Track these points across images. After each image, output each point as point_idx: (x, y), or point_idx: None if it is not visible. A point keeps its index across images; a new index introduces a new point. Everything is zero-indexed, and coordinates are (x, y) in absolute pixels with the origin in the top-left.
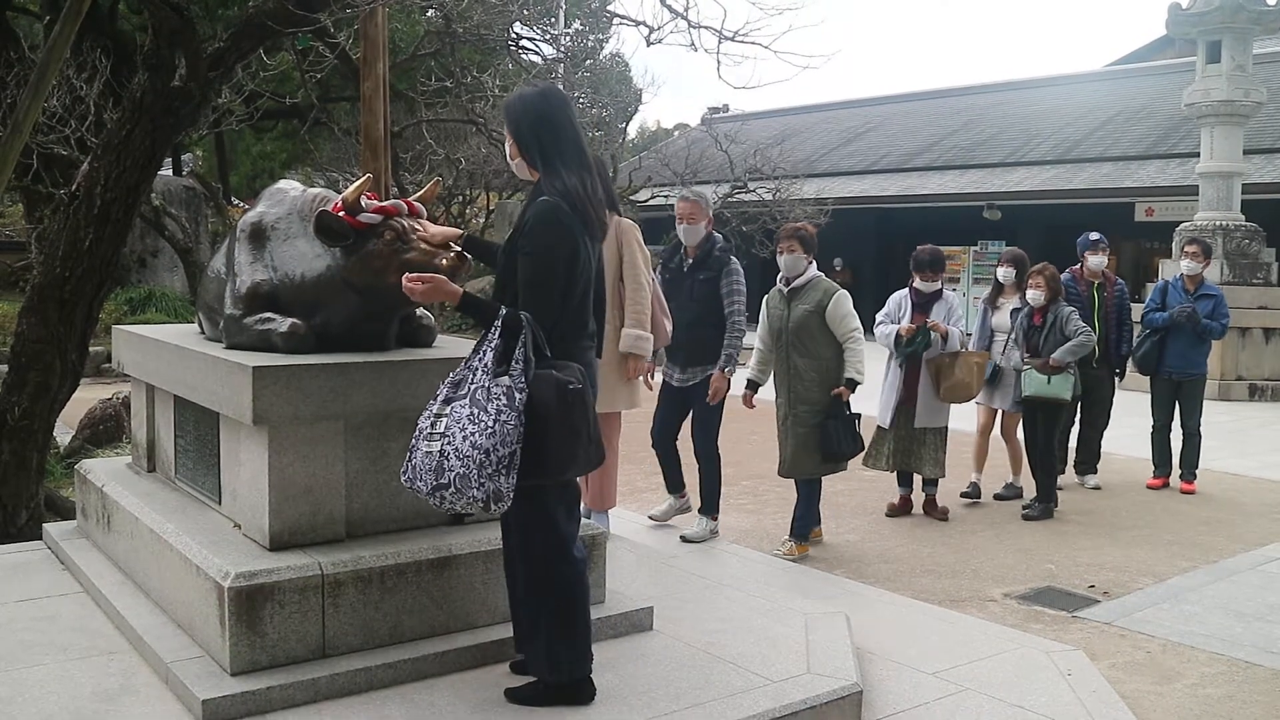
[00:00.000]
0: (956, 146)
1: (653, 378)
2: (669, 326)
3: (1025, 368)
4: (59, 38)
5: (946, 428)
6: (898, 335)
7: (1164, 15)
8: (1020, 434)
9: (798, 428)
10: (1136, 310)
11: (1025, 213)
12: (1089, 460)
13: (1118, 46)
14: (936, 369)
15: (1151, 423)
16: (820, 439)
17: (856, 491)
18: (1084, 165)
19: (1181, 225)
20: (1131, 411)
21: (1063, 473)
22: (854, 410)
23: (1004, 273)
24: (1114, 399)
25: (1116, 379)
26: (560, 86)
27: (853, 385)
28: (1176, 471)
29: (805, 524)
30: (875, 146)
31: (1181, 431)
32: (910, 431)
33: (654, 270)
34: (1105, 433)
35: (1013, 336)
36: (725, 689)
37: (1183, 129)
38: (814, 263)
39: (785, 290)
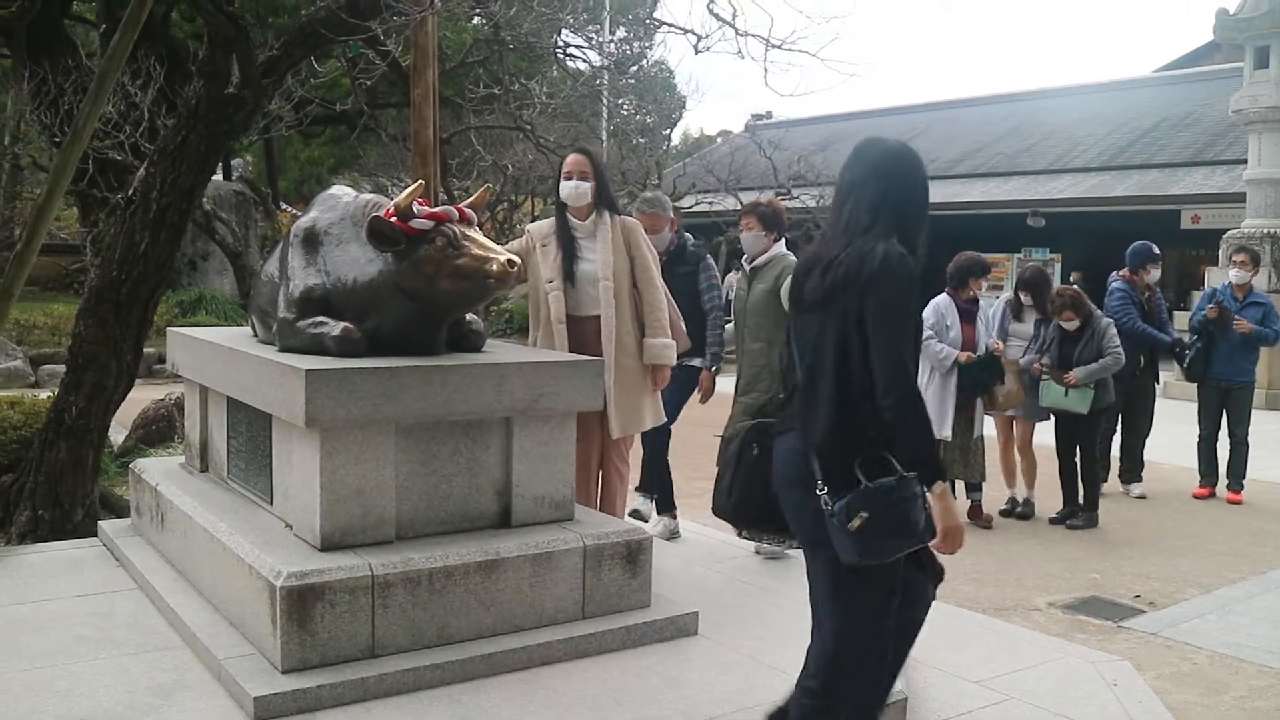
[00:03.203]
0: (1000, 153)
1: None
2: (683, 328)
3: (1045, 379)
4: (118, 47)
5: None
6: (960, 365)
7: (1211, 21)
8: (1046, 445)
9: (742, 417)
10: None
11: (1069, 220)
12: (1133, 469)
13: (1164, 52)
14: None
15: (1197, 431)
16: None
17: None
18: (1129, 172)
19: (1229, 232)
20: (1177, 420)
21: (1105, 480)
22: None
23: (1026, 299)
24: (1155, 403)
25: (1156, 385)
26: (605, 93)
27: None
28: (1223, 481)
29: None
30: (919, 153)
31: (1229, 440)
32: (966, 440)
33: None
34: (1149, 440)
35: (1041, 344)
36: (769, 694)
37: (1230, 135)
38: (780, 241)
39: (747, 269)
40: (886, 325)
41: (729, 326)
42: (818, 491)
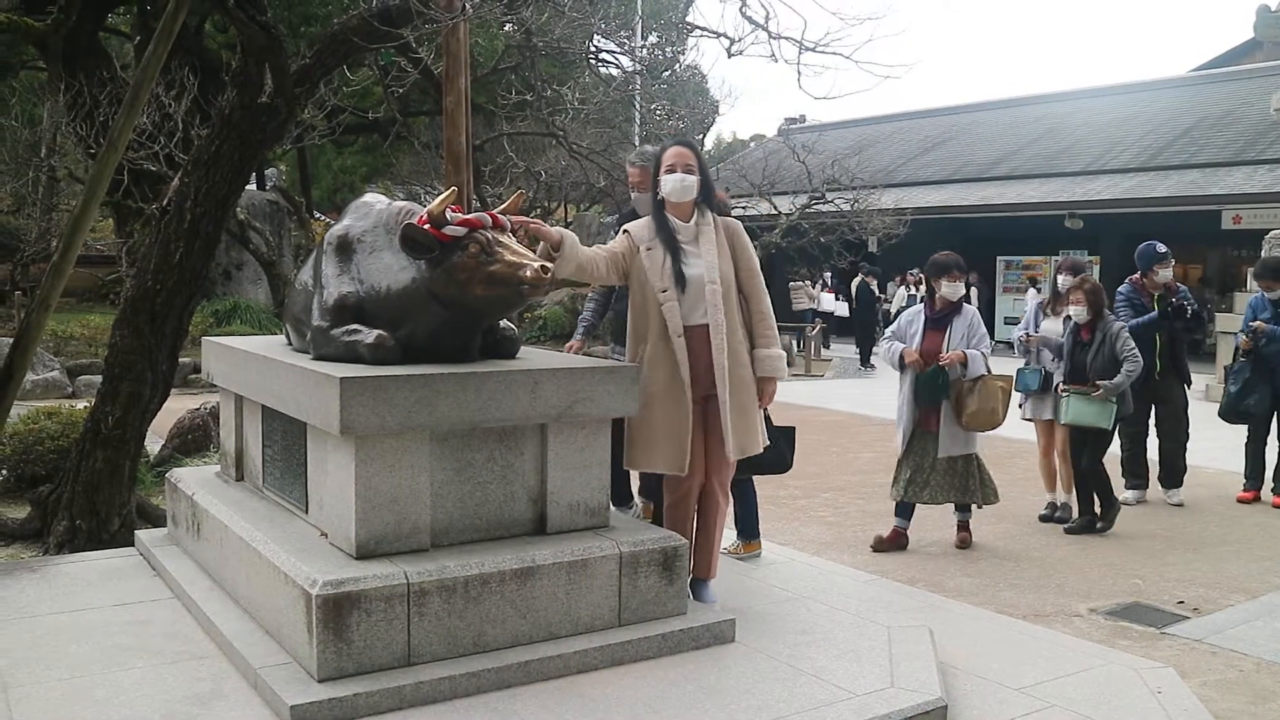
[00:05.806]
0: (1037, 155)
1: None
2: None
3: (1065, 394)
4: (152, 58)
5: (975, 453)
6: (916, 375)
7: (1251, 18)
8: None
9: None
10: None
11: (1108, 221)
12: (1172, 476)
13: (1203, 51)
14: (957, 395)
15: (1246, 432)
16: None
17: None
18: (1168, 172)
19: (1271, 233)
20: (1221, 423)
21: (1147, 485)
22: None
23: (1064, 280)
24: (1188, 407)
25: (1186, 387)
26: (637, 98)
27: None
28: (1268, 485)
29: (748, 523)
30: (954, 156)
31: (1278, 444)
32: (931, 461)
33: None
34: (1189, 445)
35: (1061, 351)
36: (808, 701)
37: (1271, 134)
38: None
39: None
40: None
41: None
42: None
